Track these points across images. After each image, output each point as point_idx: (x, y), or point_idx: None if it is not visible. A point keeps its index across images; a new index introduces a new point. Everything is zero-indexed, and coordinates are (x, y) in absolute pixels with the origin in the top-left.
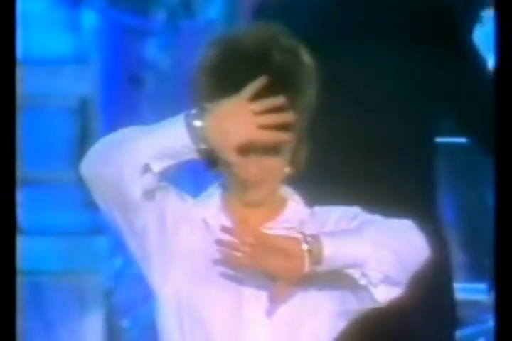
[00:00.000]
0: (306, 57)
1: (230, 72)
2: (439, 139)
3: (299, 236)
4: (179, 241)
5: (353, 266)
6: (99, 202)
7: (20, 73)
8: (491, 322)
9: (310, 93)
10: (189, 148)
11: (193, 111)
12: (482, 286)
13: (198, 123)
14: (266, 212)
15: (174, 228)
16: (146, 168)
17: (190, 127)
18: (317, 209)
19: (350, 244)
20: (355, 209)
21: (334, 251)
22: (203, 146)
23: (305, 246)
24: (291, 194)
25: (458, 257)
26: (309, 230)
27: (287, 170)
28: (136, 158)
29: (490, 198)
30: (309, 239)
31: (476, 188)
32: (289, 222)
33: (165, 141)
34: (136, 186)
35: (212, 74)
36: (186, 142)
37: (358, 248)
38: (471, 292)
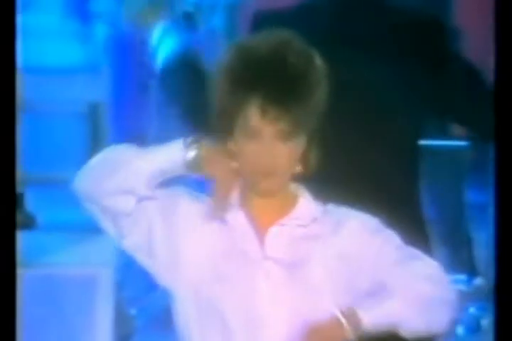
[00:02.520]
0: (318, 61)
1: (246, 75)
2: (422, 142)
3: (343, 321)
4: (195, 238)
5: (388, 327)
6: (92, 211)
7: (32, 80)
8: (470, 310)
9: (321, 95)
10: (185, 172)
11: (189, 141)
12: (462, 277)
13: (191, 154)
14: (279, 205)
15: (185, 226)
16: (141, 189)
17: (185, 157)
18: (331, 207)
19: (384, 313)
20: (374, 221)
21: (372, 326)
22: (199, 174)
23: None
24: (302, 191)
25: (439, 250)
26: (320, 229)
27: (298, 169)
28: (131, 183)
29: (467, 196)
30: (349, 320)
31: (454, 186)
32: (301, 218)
33: (162, 166)
34: (130, 203)
35: (231, 78)
36: (182, 170)
37: (391, 314)
38: (451, 282)
